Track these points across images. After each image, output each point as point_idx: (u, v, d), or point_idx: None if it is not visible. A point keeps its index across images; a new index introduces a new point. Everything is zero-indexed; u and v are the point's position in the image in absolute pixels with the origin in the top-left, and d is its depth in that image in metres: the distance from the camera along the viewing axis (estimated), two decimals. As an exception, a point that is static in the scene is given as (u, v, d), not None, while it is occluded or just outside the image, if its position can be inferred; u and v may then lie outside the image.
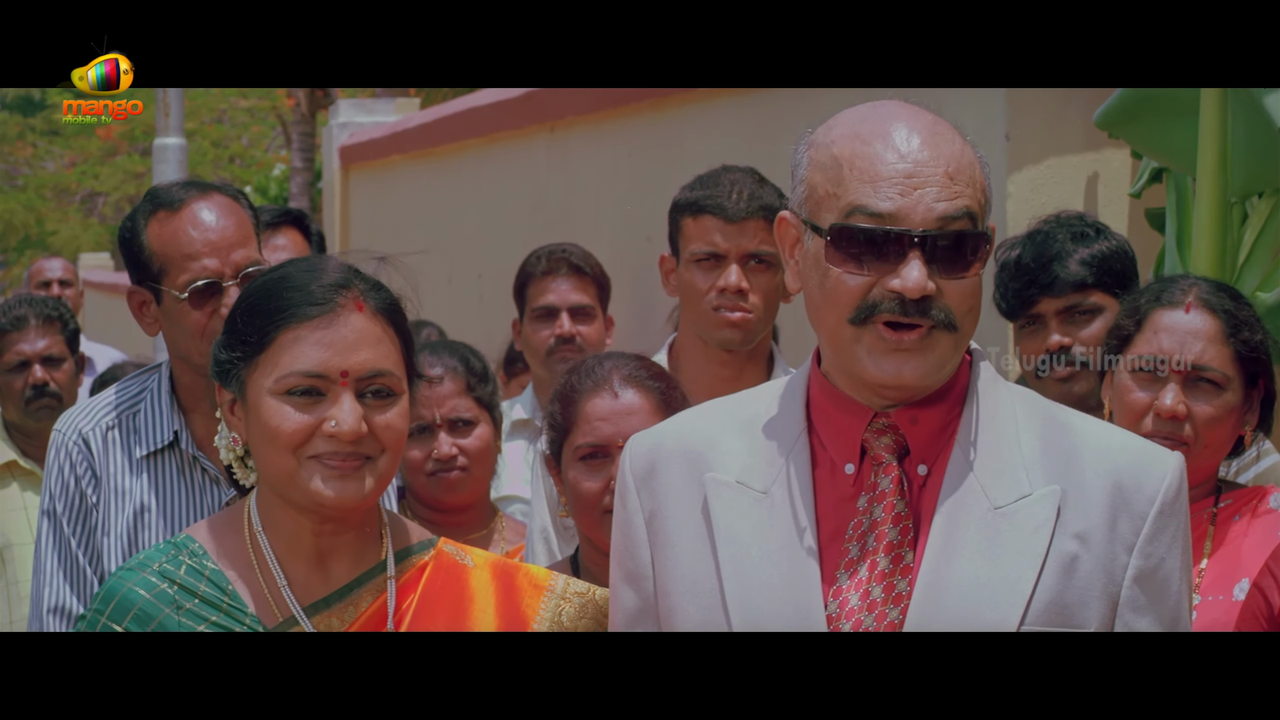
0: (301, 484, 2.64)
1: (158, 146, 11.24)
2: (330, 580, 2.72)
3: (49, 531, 3.80)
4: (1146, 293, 3.58)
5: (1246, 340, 3.48)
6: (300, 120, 20.09)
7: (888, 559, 2.46)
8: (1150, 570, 2.48)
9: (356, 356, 2.65)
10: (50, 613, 3.76)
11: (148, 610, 2.67)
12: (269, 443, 2.65)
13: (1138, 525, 2.47)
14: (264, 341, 2.66)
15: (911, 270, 2.42)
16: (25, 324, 6.11)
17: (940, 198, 2.44)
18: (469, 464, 4.27)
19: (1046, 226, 4.24)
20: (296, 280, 2.70)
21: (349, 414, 2.63)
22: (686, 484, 2.56)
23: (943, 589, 2.44)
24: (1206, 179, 4.48)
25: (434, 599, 2.75)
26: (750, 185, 4.49)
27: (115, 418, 3.83)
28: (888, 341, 2.44)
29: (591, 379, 3.50)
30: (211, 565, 2.71)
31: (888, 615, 2.44)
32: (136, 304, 3.84)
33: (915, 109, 2.51)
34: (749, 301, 4.43)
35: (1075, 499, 2.46)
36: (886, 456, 2.51)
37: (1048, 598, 2.43)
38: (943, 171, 2.44)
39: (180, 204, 3.78)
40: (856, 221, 2.44)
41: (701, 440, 2.59)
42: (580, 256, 5.57)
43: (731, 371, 4.44)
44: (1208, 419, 3.44)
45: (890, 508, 2.49)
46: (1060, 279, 4.11)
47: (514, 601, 2.77)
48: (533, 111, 8.03)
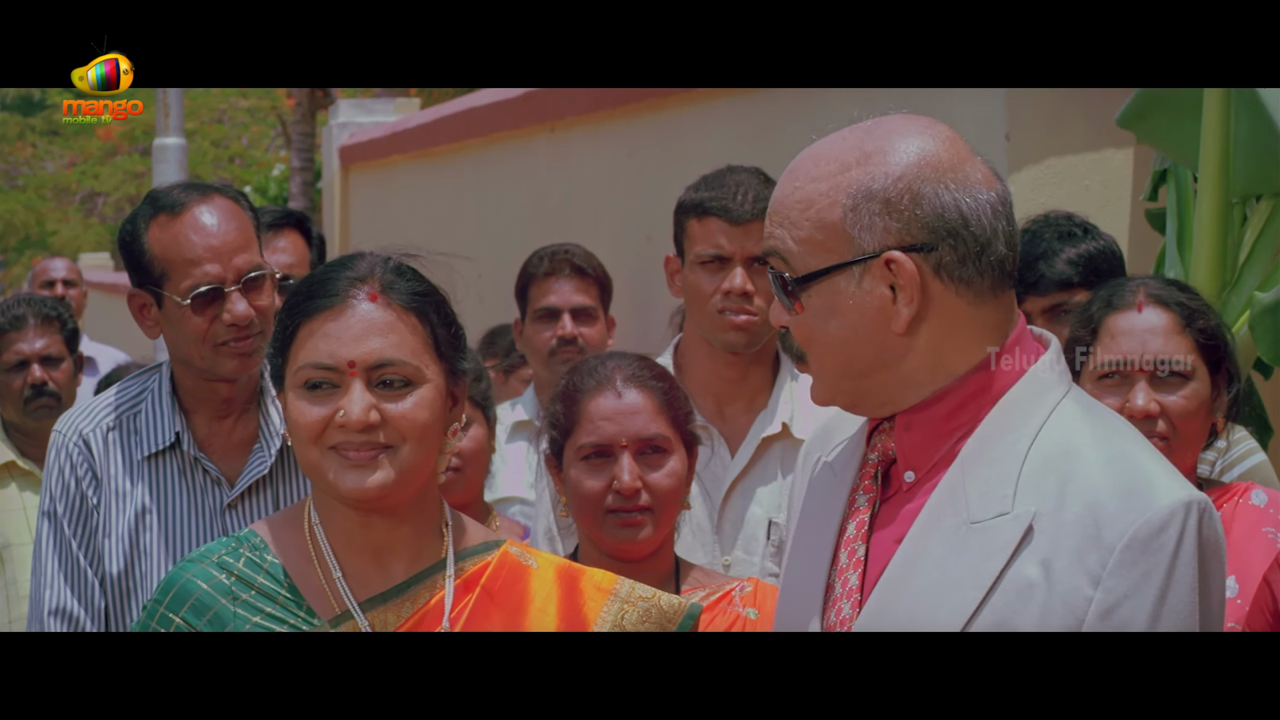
0: (324, 475, 2.68)
1: (158, 146, 11.24)
2: (388, 576, 2.73)
3: (49, 533, 3.79)
4: (1096, 301, 3.60)
5: (1203, 328, 3.51)
6: (300, 120, 20.08)
7: (845, 552, 2.58)
8: (1111, 606, 2.39)
9: (364, 346, 2.68)
10: (51, 615, 3.75)
11: (204, 600, 2.70)
12: (294, 436, 2.71)
13: (1104, 558, 2.39)
14: (289, 338, 2.72)
15: None
16: (24, 323, 6.11)
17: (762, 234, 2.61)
18: (462, 464, 4.26)
19: (1034, 226, 4.25)
20: (320, 275, 2.75)
21: (356, 403, 2.65)
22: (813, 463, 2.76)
23: (896, 594, 2.48)
24: (1208, 179, 4.48)
25: (492, 599, 2.75)
26: (756, 187, 4.49)
27: (115, 419, 3.82)
28: None
29: (594, 378, 3.50)
30: (271, 558, 2.74)
31: (843, 611, 2.54)
32: (137, 307, 3.83)
33: (826, 139, 2.57)
34: (754, 304, 4.43)
35: (1048, 525, 2.43)
36: (871, 456, 2.62)
37: (993, 619, 2.41)
38: (769, 211, 2.58)
39: (181, 207, 3.76)
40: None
41: (832, 421, 2.77)
42: (582, 257, 5.57)
43: (737, 373, 4.44)
44: (1181, 412, 3.46)
45: (863, 508, 2.60)
46: (1046, 278, 4.12)
47: (576, 604, 2.77)
48: (533, 111, 8.03)
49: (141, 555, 3.76)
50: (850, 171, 2.51)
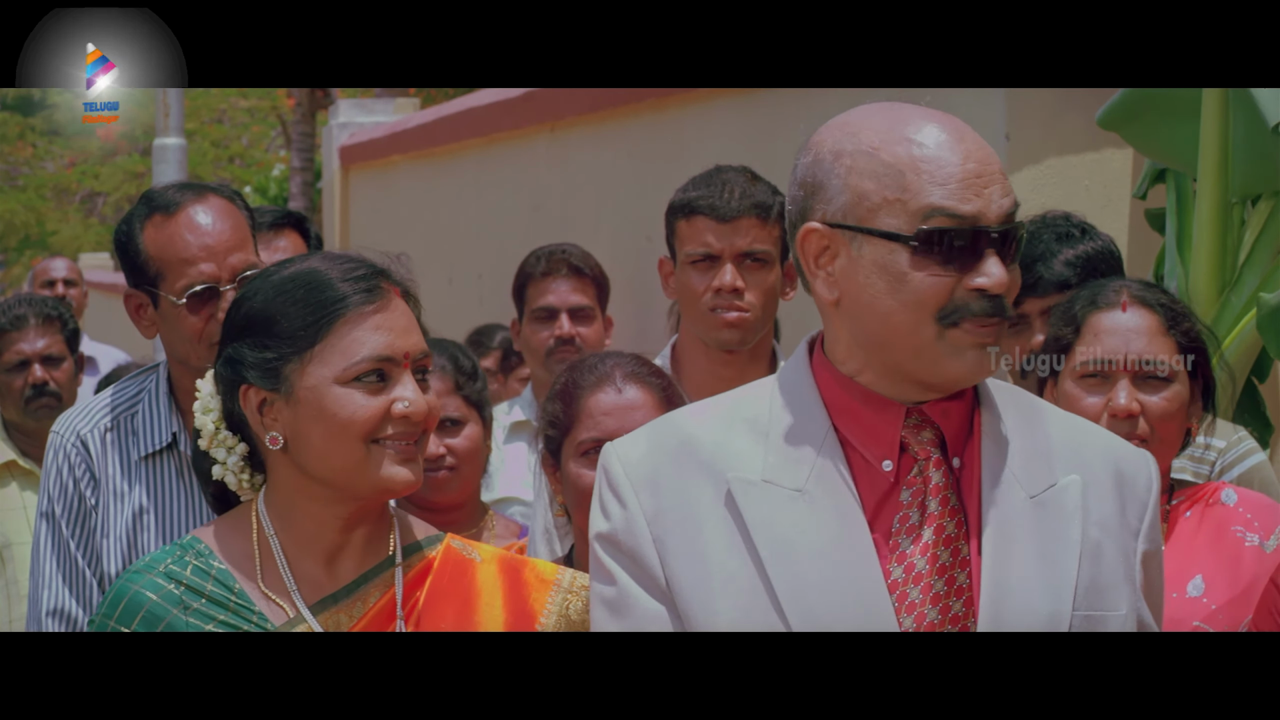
0: (369, 471, 2.67)
1: (158, 146, 11.23)
2: (337, 577, 2.73)
3: (47, 534, 3.79)
4: (1079, 299, 3.60)
5: (1186, 331, 3.52)
6: (300, 120, 20.07)
7: (948, 551, 2.48)
8: (1153, 553, 2.59)
9: (411, 339, 2.72)
10: (49, 615, 3.75)
11: (156, 612, 2.68)
12: (338, 433, 2.67)
13: (1141, 512, 2.58)
14: (318, 334, 2.68)
15: (994, 267, 2.47)
16: (25, 323, 6.11)
17: (1004, 194, 2.50)
18: (457, 464, 4.26)
19: (1032, 227, 4.24)
20: (336, 271, 2.73)
21: (416, 393, 2.69)
22: (700, 482, 2.54)
23: (1008, 581, 2.48)
24: (1207, 180, 4.48)
25: (442, 593, 2.75)
26: (742, 184, 4.49)
27: (113, 419, 3.82)
28: (977, 337, 2.48)
29: (594, 375, 3.50)
30: (218, 565, 2.72)
31: (952, 609, 2.47)
32: (133, 307, 3.83)
33: (929, 109, 2.55)
34: (745, 300, 4.43)
35: (1091, 488, 2.54)
36: (932, 450, 2.52)
37: (1086, 583, 2.50)
38: (998, 168, 2.51)
39: (176, 207, 3.76)
40: (938, 224, 2.47)
41: (707, 441, 2.57)
42: (579, 257, 5.56)
43: (734, 372, 4.44)
44: (1161, 413, 3.46)
45: (946, 501, 2.50)
46: (1044, 279, 4.12)
47: (521, 596, 2.78)
48: (533, 111, 8.03)
49: (139, 555, 3.75)
50: None
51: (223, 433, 2.77)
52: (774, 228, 4.47)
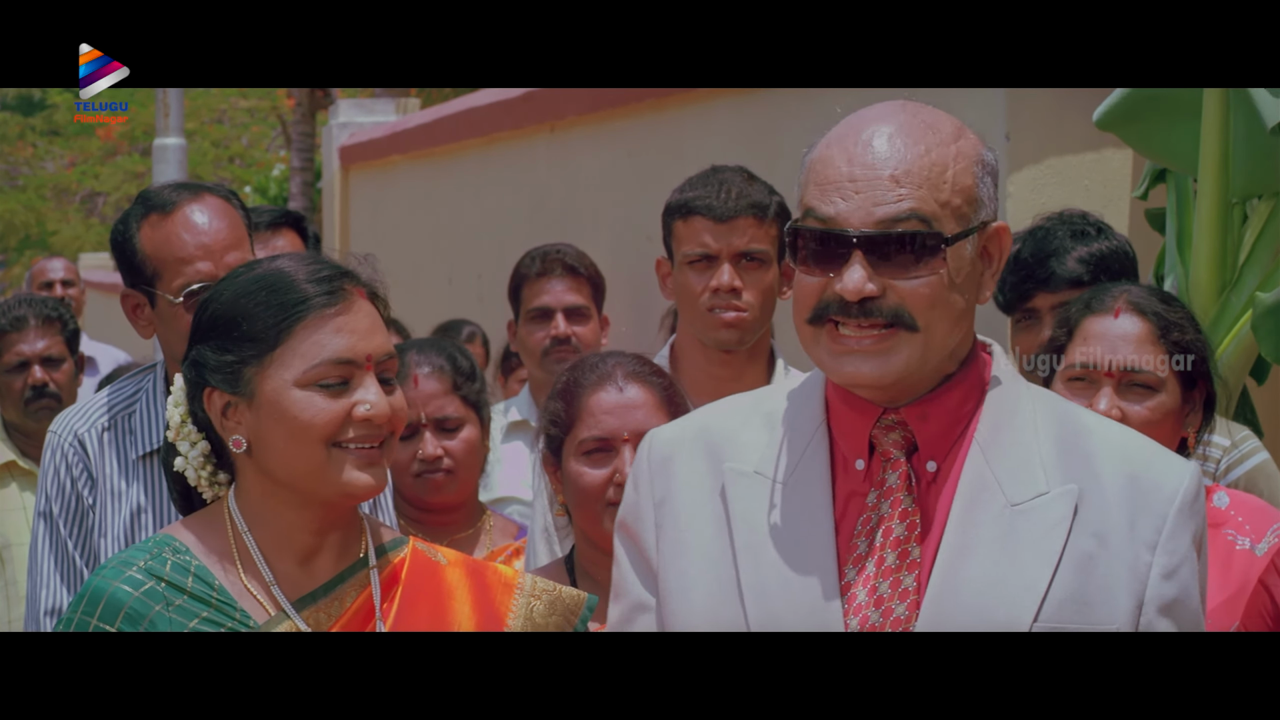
0: (330, 475, 2.66)
1: (158, 146, 11.23)
2: (315, 576, 2.73)
3: (45, 533, 3.79)
4: (1077, 303, 3.60)
5: (1178, 341, 3.49)
6: (300, 120, 20.06)
7: (894, 555, 2.49)
8: (1175, 567, 2.50)
9: (374, 341, 2.70)
10: (47, 615, 3.76)
11: (137, 609, 2.66)
12: (298, 436, 2.66)
13: (1158, 524, 2.50)
14: (279, 337, 2.67)
15: (851, 273, 2.46)
16: (25, 324, 6.11)
17: (880, 201, 2.47)
18: (455, 465, 4.26)
19: (1048, 223, 4.25)
20: (298, 273, 2.71)
21: (379, 396, 2.67)
22: (704, 473, 2.60)
23: (955, 586, 2.46)
24: (1208, 180, 4.48)
25: (416, 593, 2.76)
26: (739, 184, 4.49)
27: (110, 419, 3.82)
28: (838, 343, 2.49)
29: (595, 374, 3.50)
30: (197, 562, 2.71)
31: (894, 612, 2.46)
32: (130, 307, 3.84)
33: (899, 110, 2.54)
34: (743, 300, 4.43)
35: (1093, 499, 2.49)
36: (895, 453, 2.53)
37: (1063, 594, 2.45)
38: (887, 175, 2.47)
39: (172, 207, 3.77)
40: (807, 224, 2.50)
41: (721, 431, 2.62)
42: (574, 257, 5.56)
43: (732, 372, 4.44)
44: (1143, 422, 3.44)
45: (897, 504, 2.51)
46: (1056, 275, 4.12)
47: (488, 598, 2.79)
48: (533, 111, 8.03)
49: (139, 555, 3.76)
50: (962, 140, 2.53)
51: (188, 426, 2.76)
52: (771, 227, 4.48)
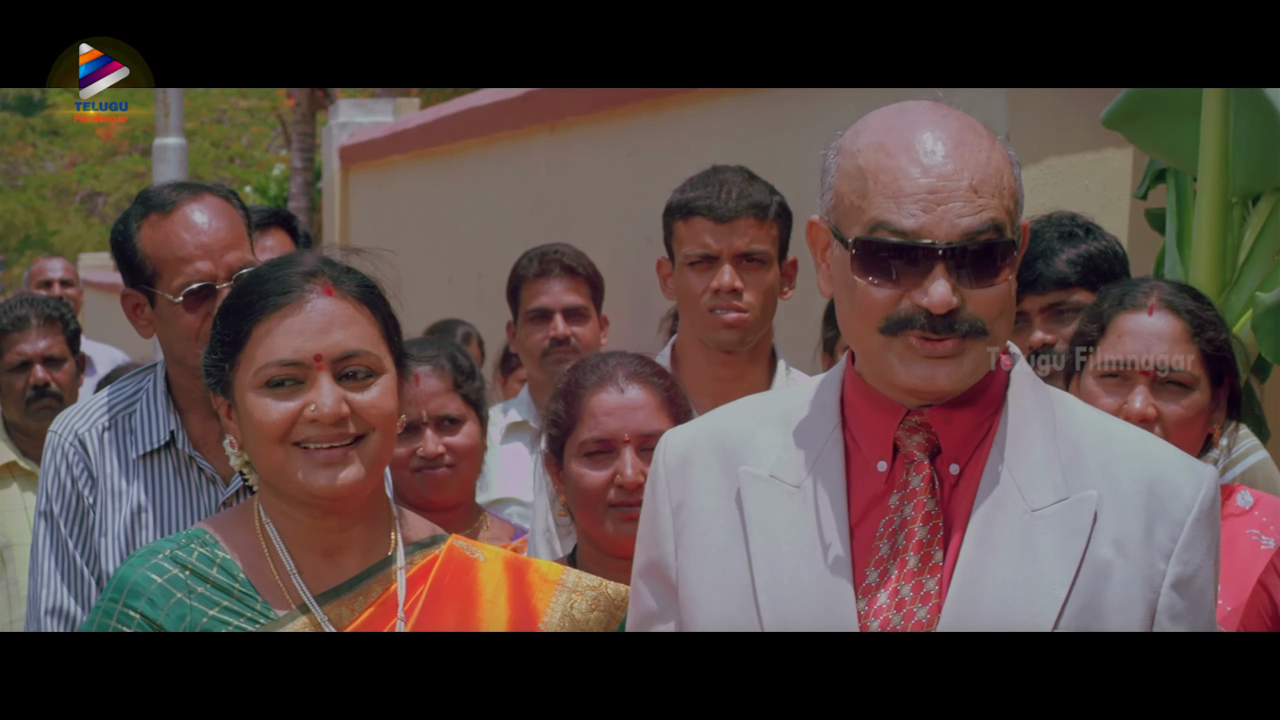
0: (292, 476, 2.67)
1: (158, 146, 11.24)
2: (340, 571, 2.74)
3: (46, 533, 3.80)
4: (1108, 297, 3.59)
5: (1211, 339, 3.49)
6: (300, 120, 20.08)
7: (916, 558, 2.47)
8: (1188, 578, 2.48)
9: (328, 339, 2.67)
10: (48, 614, 3.76)
11: (160, 594, 2.68)
12: (258, 438, 2.68)
13: (1174, 532, 2.47)
14: (241, 339, 2.69)
15: (937, 286, 2.42)
16: (26, 324, 6.11)
17: (964, 213, 2.44)
18: (455, 462, 4.26)
19: (1036, 225, 4.25)
20: (267, 274, 2.73)
21: (327, 395, 2.65)
22: (719, 476, 2.57)
23: (977, 589, 2.44)
24: (1207, 179, 4.48)
25: (443, 592, 2.76)
26: (739, 184, 4.49)
27: (110, 418, 3.83)
28: (919, 350, 2.45)
29: (596, 374, 3.50)
30: (223, 554, 2.73)
31: (915, 614, 2.45)
32: (130, 307, 3.84)
33: (944, 113, 2.51)
34: (744, 300, 4.43)
35: (1112, 505, 2.47)
36: (918, 455, 2.51)
37: (1082, 602, 2.43)
38: (966, 185, 2.44)
39: (172, 206, 3.77)
40: (880, 237, 2.45)
41: (736, 434, 2.60)
42: (572, 257, 5.56)
43: (733, 373, 4.44)
44: (1177, 420, 3.44)
45: (920, 506, 2.49)
46: (1044, 276, 4.12)
47: (524, 595, 2.78)
48: (533, 111, 8.03)
49: (138, 554, 3.76)
50: (997, 139, 2.52)
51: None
52: (771, 227, 4.47)
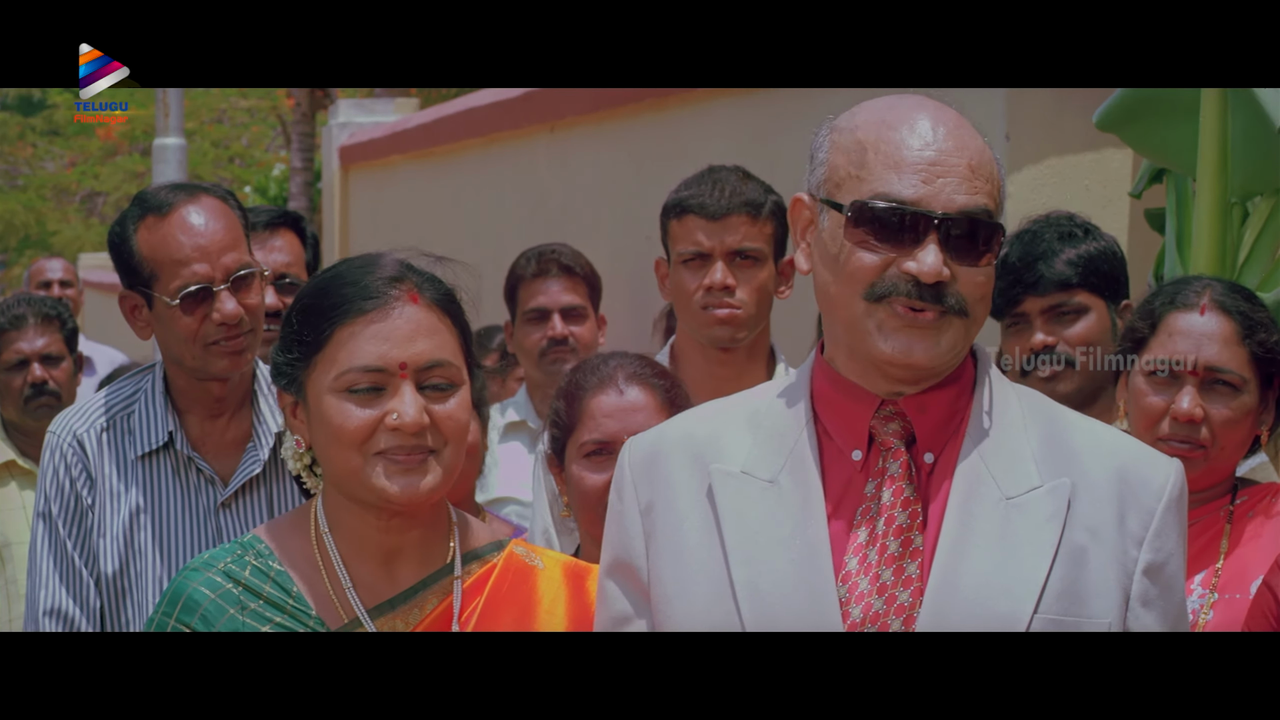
0: (367, 480, 2.64)
1: (158, 146, 11.23)
2: (396, 582, 2.71)
3: (44, 534, 3.79)
4: (1160, 295, 3.59)
5: (1262, 341, 3.49)
6: (300, 120, 20.07)
7: (897, 542, 2.49)
8: (1159, 564, 2.52)
9: (414, 348, 2.65)
10: (46, 615, 3.75)
11: (213, 610, 2.67)
12: (334, 441, 2.64)
13: (1146, 520, 2.51)
14: (321, 340, 2.66)
15: (929, 254, 2.46)
16: (24, 323, 6.12)
17: (961, 190, 2.48)
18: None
19: (1035, 226, 4.25)
20: (350, 277, 2.69)
21: (411, 405, 2.62)
22: (689, 476, 2.58)
23: (957, 576, 2.46)
24: (1206, 179, 4.48)
25: (500, 601, 2.74)
26: (733, 182, 4.50)
27: (109, 419, 3.82)
28: (901, 318, 2.47)
29: (596, 376, 3.50)
30: (277, 566, 2.71)
31: (898, 598, 2.47)
32: (128, 308, 3.84)
33: (940, 104, 2.55)
34: (736, 297, 4.43)
35: (1084, 493, 2.50)
36: (895, 442, 2.53)
37: (1060, 588, 2.46)
38: (965, 164, 2.49)
39: (169, 208, 3.77)
40: (878, 203, 2.48)
41: (704, 434, 2.61)
42: (570, 257, 5.56)
43: (731, 371, 4.44)
44: (1225, 421, 3.45)
45: (899, 492, 2.51)
46: (1045, 278, 4.12)
47: (583, 602, 2.76)
48: (533, 111, 8.03)
49: (136, 555, 3.76)
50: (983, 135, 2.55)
51: (288, 431, 2.77)
52: (765, 225, 4.48)
